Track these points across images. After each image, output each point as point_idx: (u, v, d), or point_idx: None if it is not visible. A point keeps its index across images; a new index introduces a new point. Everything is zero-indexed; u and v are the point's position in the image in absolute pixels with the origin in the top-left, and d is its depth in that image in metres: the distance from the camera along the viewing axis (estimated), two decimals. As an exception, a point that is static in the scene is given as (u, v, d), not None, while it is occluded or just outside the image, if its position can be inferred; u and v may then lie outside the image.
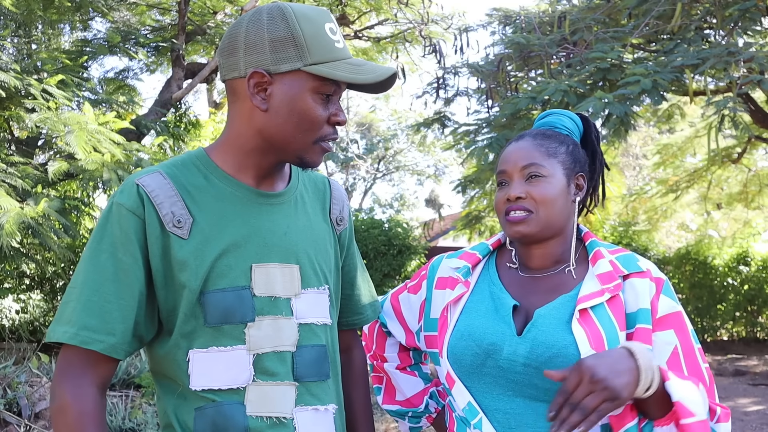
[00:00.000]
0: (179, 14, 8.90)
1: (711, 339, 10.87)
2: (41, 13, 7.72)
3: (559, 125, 1.49)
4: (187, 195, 1.23)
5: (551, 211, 1.38)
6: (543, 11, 7.86)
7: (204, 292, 1.21)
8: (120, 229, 1.20)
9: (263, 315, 1.24)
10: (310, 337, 1.29)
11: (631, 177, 18.80)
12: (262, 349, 1.23)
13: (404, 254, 9.59)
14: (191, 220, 1.22)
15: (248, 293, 1.23)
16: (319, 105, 1.21)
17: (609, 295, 1.32)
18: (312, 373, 1.28)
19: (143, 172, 1.25)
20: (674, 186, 10.56)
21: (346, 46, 1.25)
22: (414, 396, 1.63)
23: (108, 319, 1.17)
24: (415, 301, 1.57)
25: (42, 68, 7.01)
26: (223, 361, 1.22)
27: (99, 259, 1.20)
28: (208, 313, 1.21)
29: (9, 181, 5.45)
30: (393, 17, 10.03)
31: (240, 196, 1.26)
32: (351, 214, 1.49)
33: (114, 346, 1.18)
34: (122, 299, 1.18)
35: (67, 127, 5.64)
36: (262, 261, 1.25)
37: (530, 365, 1.30)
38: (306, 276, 1.30)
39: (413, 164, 23.53)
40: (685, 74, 5.19)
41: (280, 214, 1.30)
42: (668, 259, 10.96)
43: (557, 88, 5.21)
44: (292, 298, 1.27)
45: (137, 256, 1.20)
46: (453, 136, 7.61)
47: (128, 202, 1.20)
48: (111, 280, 1.18)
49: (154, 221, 1.20)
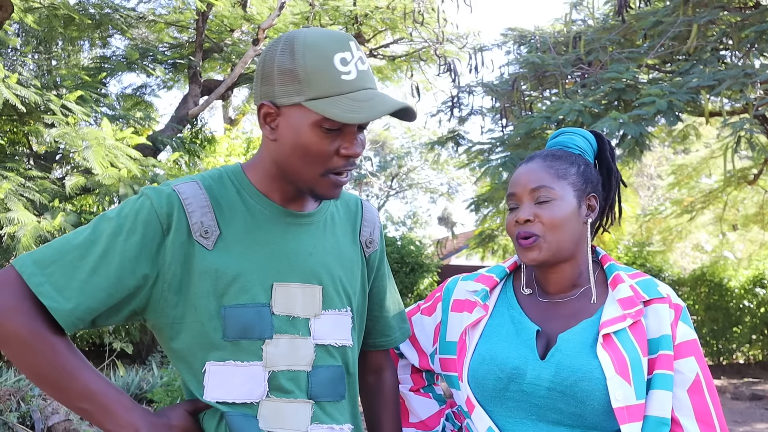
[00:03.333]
0: (197, 32, 9.01)
1: (727, 362, 10.73)
2: (62, 30, 7.85)
3: (570, 145, 1.48)
4: (218, 207, 1.25)
5: (561, 235, 1.37)
6: (558, 31, 7.89)
7: (225, 306, 1.22)
8: (136, 219, 1.20)
9: (281, 333, 1.25)
10: (325, 357, 1.29)
11: (645, 197, 18.70)
12: (278, 366, 1.24)
13: (417, 272, 9.57)
14: (218, 233, 1.23)
15: (267, 311, 1.24)
16: (324, 138, 1.19)
17: (631, 321, 1.32)
18: (327, 393, 1.28)
19: (181, 180, 1.27)
20: (689, 207, 10.49)
21: (361, 75, 1.20)
22: (429, 418, 1.61)
23: (75, 286, 1.16)
24: (429, 323, 1.56)
25: (61, 84, 7.11)
26: (239, 375, 1.22)
27: (102, 232, 1.19)
28: (228, 327, 1.22)
29: (27, 195, 5.51)
30: (408, 36, 10.10)
31: (268, 214, 1.28)
32: (382, 236, 1.49)
33: (62, 312, 1.15)
34: (99, 278, 1.17)
35: (85, 142, 5.71)
36: (283, 280, 1.26)
37: (555, 389, 1.30)
38: (328, 297, 1.30)
39: (426, 182, 23.53)
40: (701, 95, 5.17)
41: (307, 235, 1.30)
42: (683, 281, 10.86)
43: (572, 108, 5.21)
44: (312, 318, 1.28)
45: (139, 252, 1.19)
46: (467, 155, 7.61)
47: (158, 202, 1.21)
48: (100, 255, 1.17)
49: (182, 228, 1.21)
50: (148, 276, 1.20)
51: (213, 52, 9.88)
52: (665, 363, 1.30)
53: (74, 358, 1.17)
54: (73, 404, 1.18)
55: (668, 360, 1.30)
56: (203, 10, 8.54)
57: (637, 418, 1.26)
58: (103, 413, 1.17)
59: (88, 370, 1.18)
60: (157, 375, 6.34)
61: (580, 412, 1.28)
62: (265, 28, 8.43)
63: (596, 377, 1.27)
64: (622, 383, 1.26)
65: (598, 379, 1.27)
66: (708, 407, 1.29)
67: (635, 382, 1.28)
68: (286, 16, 9.20)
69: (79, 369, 1.17)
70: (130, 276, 1.18)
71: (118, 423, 1.17)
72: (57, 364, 1.16)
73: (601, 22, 7.77)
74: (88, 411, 1.17)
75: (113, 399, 1.17)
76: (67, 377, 1.16)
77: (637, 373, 1.28)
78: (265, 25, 8.43)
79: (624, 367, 1.28)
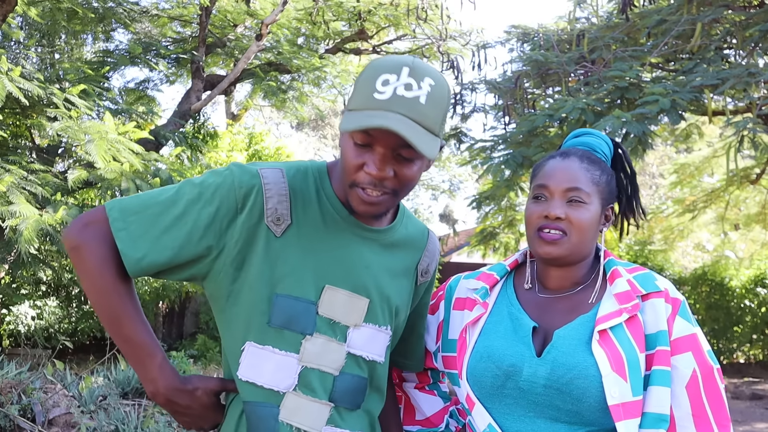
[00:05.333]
0: (200, 27, 9.01)
1: (727, 361, 10.73)
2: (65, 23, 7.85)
3: (598, 150, 1.49)
4: (295, 199, 1.31)
5: (583, 238, 1.38)
6: (561, 29, 7.87)
7: (277, 293, 1.28)
8: (216, 192, 1.27)
9: (320, 333, 1.30)
10: (353, 367, 1.33)
11: (647, 196, 18.69)
12: (310, 363, 1.29)
13: (418, 269, 9.56)
14: (289, 222, 1.29)
15: (314, 309, 1.30)
16: (353, 150, 1.24)
17: (627, 315, 1.31)
18: (346, 400, 1.33)
19: (267, 164, 1.34)
20: (691, 206, 10.48)
21: (395, 100, 1.19)
22: (434, 415, 1.63)
23: (147, 239, 1.25)
24: (432, 321, 1.57)
25: (64, 78, 7.11)
26: (274, 362, 1.28)
27: (184, 195, 1.28)
28: (274, 314, 1.28)
29: (29, 188, 5.51)
30: (411, 33, 10.08)
31: (338, 219, 1.33)
32: (437, 269, 1.55)
33: (131, 258, 1.25)
34: (170, 238, 1.26)
35: (88, 136, 5.70)
36: (335, 284, 1.31)
37: (551, 386, 1.30)
38: (372, 312, 1.35)
39: (428, 179, 23.52)
40: (704, 94, 5.16)
41: (370, 250, 1.35)
42: (684, 280, 10.86)
43: (575, 106, 5.20)
44: (351, 327, 1.33)
45: (209, 223, 1.26)
46: (469, 152, 7.60)
47: (240, 180, 1.28)
48: (177, 217, 1.26)
49: (256, 210, 1.27)
50: (212, 248, 1.27)
51: (216, 47, 9.87)
52: (663, 359, 1.29)
53: (129, 304, 1.28)
54: (117, 342, 1.29)
55: (665, 356, 1.30)
56: (206, 5, 8.53)
57: (633, 415, 1.26)
58: (136, 362, 1.29)
59: (138, 320, 1.28)
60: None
61: (576, 409, 1.28)
62: (268, 23, 8.42)
63: (592, 374, 1.27)
64: (617, 380, 1.26)
65: (594, 377, 1.27)
66: (703, 404, 1.28)
67: (631, 379, 1.27)
68: (289, 11, 9.19)
69: (129, 317, 1.28)
70: (196, 243, 1.26)
71: (145, 375, 1.28)
72: (113, 306, 1.27)
73: (605, 20, 7.76)
74: (127, 353, 1.29)
75: (148, 353, 1.28)
76: (118, 320, 1.27)
77: (634, 370, 1.28)
78: (269, 20, 8.42)
79: (620, 363, 1.28)
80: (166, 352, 7.75)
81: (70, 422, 4.64)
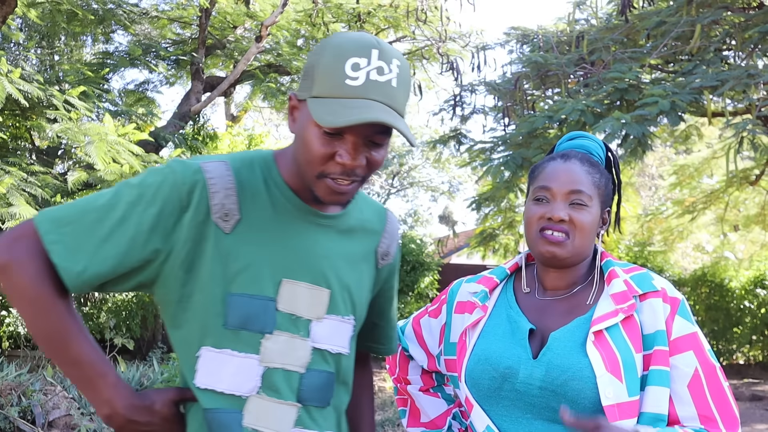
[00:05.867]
0: (200, 28, 9.02)
1: (727, 363, 10.73)
2: (65, 25, 7.85)
3: (595, 153, 1.50)
4: (242, 192, 1.23)
5: (585, 241, 1.39)
6: (561, 30, 7.88)
7: (231, 293, 1.20)
8: (157, 192, 1.18)
9: (281, 330, 1.23)
10: (320, 362, 1.27)
11: (647, 197, 18.69)
12: (273, 363, 1.22)
13: (418, 270, 9.58)
14: (238, 217, 1.21)
15: (273, 305, 1.22)
16: (320, 139, 1.16)
17: (623, 316, 1.31)
18: (315, 398, 1.27)
19: (210, 158, 1.25)
20: (691, 207, 10.48)
21: (369, 85, 1.14)
22: (438, 417, 1.63)
23: (86, 249, 1.15)
24: (435, 325, 1.58)
25: (64, 79, 7.12)
26: (233, 365, 1.20)
27: (122, 199, 1.18)
28: (230, 315, 1.20)
29: (29, 189, 5.52)
30: (411, 34, 10.09)
31: (290, 208, 1.26)
32: (399, 250, 1.48)
33: (70, 273, 1.15)
34: (111, 245, 1.16)
35: (88, 137, 5.71)
36: (293, 277, 1.24)
37: (546, 388, 1.30)
38: (334, 302, 1.28)
39: (428, 180, 23.54)
40: (704, 96, 5.17)
41: (325, 237, 1.28)
42: (684, 281, 10.86)
43: (574, 108, 5.20)
44: (314, 320, 1.26)
45: (154, 225, 1.18)
46: (469, 154, 7.60)
47: (182, 176, 1.20)
48: (117, 223, 1.16)
49: (202, 207, 1.19)
50: (159, 251, 1.18)
51: (216, 49, 9.88)
52: (660, 359, 1.29)
53: (72, 323, 1.17)
54: (63, 367, 1.19)
55: (663, 356, 1.29)
56: (206, 7, 8.54)
57: (629, 416, 1.26)
58: (86, 384, 1.18)
59: (83, 338, 1.18)
60: (158, 371, 6.35)
61: (572, 410, 1.28)
62: (268, 25, 8.42)
63: (586, 376, 1.28)
64: (612, 381, 1.26)
65: (588, 378, 1.27)
66: (708, 402, 1.28)
67: (627, 380, 1.27)
68: (289, 13, 9.20)
69: (73, 336, 1.17)
70: (141, 248, 1.17)
71: (98, 397, 1.17)
72: (54, 325, 1.16)
73: (605, 21, 7.76)
74: (74, 377, 1.18)
75: (99, 373, 1.17)
76: (61, 341, 1.17)
77: (630, 371, 1.28)
78: (268, 22, 8.42)
79: (615, 364, 1.27)
80: (165, 354, 7.71)
81: (70, 424, 4.64)
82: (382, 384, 8.22)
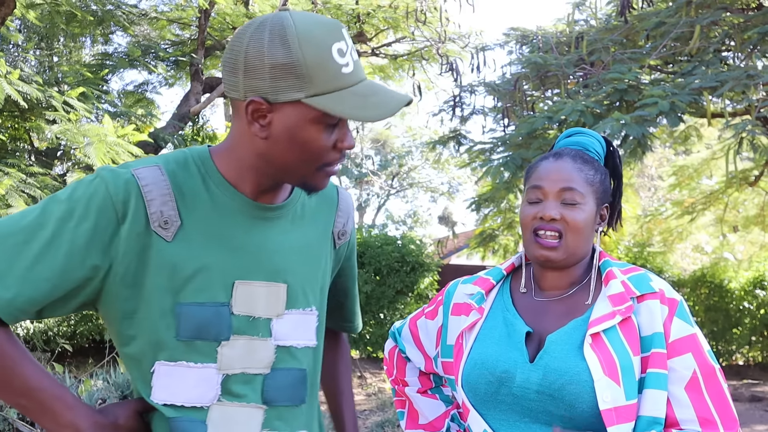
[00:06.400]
0: (199, 29, 9.01)
1: (726, 363, 10.73)
2: (64, 26, 7.85)
3: (591, 149, 1.48)
4: (180, 196, 1.15)
5: (579, 240, 1.37)
6: (560, 31, 7.88)
7: (180, 303, 1.13)
8: (89, 205, 1.10)
9: (239, 335, 1.17)
10: (287, 360, 1.22)
11: (646, 198, 18.70)
12: (232, 369, 1.17)
13: (417, 271, 9.57)
14: (179, 224, 1.14)
15: (227, 310, 1.16)
16: (323, 134, 1.11)
17: (620, 318, 1.30)
18: (284, 397, 1.22)
19: (141, 162, 1.16)
20: (690, 208, 10.48)
21: (357, 66, 1.13)
22: (436, 419, 1.62)
23: (15, 274, 1.06)
24: (432, 327, 1.56)
25: (63, 80, 7.12)
26: (191, 377, 1.15)
27: (51, 215, 1.09)
28: (181, 326, 1.13)
29: (28, 191, 5.51)
30: (410, 35, 10.09)
31: (235, 206, 1.18)
32: (354, 226, 1.44)
33: (1, 301, 1.05)
34: (44, 267, 1.07)
35: (87, 138, 5.71)
36: (246, 278, 1.18)
37: (544, 392, 1.29)
38: (293, 296, 1.23)
39: (427, 181, 23.54)
40: (703, 96, 5.17)
41: (275, 230, 1.22)
42: (683, 282, 10.86)
43: (574, 108, 5.20)
44: (274, 318, 1.21)
45: (90, 241, 1.09)
46: (468, 154, 7.60)
47: (114, 187, 1.10)
48: (47, 242, 1.08)
49: (139, 217, 1.11)
50: (98, 267, 1.10)
51: (215, 50, 9.87)
52: (658, 362, 1.28)
53: (13, 350, 1.08)
54: (12, 400, 1.09)
55: (661, 358, 1.28)
56: (205, 8, 8.53)
57: (626, 419, 1.24)
58: (42, 411, 1.09)
59: (29, 364, 1.09)
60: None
61: (570, 414, 1.27)
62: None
63: (584, 380, 1.26)
64: (610, 384, 1.25)
65: (586, 382, 1.26)
66: (707, 404, 1.26)
67: (625, 383, 1.26)
68: (288, 14, 9.18)
69: (17, 363, 1.08)
70: (79, 267, 1.09)
71: (58, 422, 1.09)
72: None
73: (604, 22, 7.76)
74: (27, 408, 1.10)
75: (54, 396, 1.09)
76: (4, 371, 1.07)
77: (627, 374, 1.26)
78: (268, 23, 8.41)
79: (613, 367, 1.26)
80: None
81: (69, 425, 4.62)
82: (382, 385, 8.21)
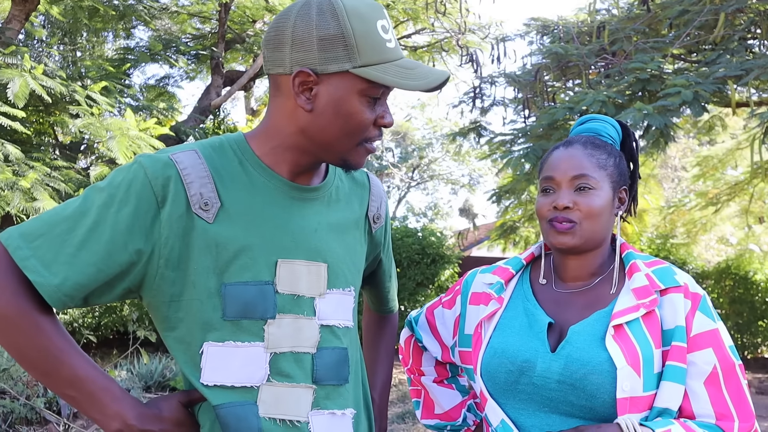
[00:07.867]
0: (219, 23, 9.06)
1: (752, 356, 10.59)
2: (87, 21, 7.92)
3: (604, 133, 1.47)
4: (219, 178, 1.17)
5: (596, 225, 1.36)
6: (582, 21, 7.80)
7: (225, 283, 1.16)
8: (129, 190, 1.13)
9: (284, 313, 1.19)
10: (331, 339, 1.24)
11: (669, 189, 18.49)
12: (280, 348, 1.18)
13: (438, 263, 9.56)
14: (219, 205, 1.16)
15: (271, 289, 1.18)
16: (367, 107, 1.15)
17: (644, 311, 1.29)
18: (331, 377, 1.24)
19: (178, 148, 1.19)
20: (714, 199, 10.34)
21: (397, 45, 1.18)
22: (452, 409, 1.63)
23: (62, 260, 1.09)
24: (449, 316, 1.56)
25: (86, 75, 7.19)
26: (239, 357, 1.16)
27: (93, 203, 1.13)
28: (228, 305, 1.16)
29: (52, 184, 5.58)
30: (430, 26, 10.06)
31: (273, 187, 1.21)
32: (389, 212, 1.46)
33: (49, 287, 1.09)
34: (88, 252, 1.10)
35: (109, 132, 5.77)
36: (288, 257, 1.20)
37: (565, 382, 1.29)
38: (333, 276, 1.25)
39: (448, 173, 23.46)
40: (728, 85, 5.09)
41: (313, 210, 1.25)
42: (707, 273, 10.73)
43: (595, 99, 5.16)
44: (316, 297, 1.23)
45: (131, 225, 1.12)
46: (489, 146, 7.57)
47: (153, 171, 1.13)
48: (90, 228, 1.11)
49: (180, 200, 1.14)
50: (141, 251, 1.13)
51: (235, 43, 9.92)
52: (678, 355, 1.27)
53: (61, 341, 1.11)
54: (59, 390, 1.12)
55: (681, 352, 1.27)
56: (225, 1, 8.57)
57: (638, 410, 1.25)
58: (89, 401, 1.11)
59: (76, 354, 1.12)
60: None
61: (590, 404, 1.27)
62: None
63: (606, 370, 1.26)
64: (631, 374, 1.25)
65: (608, 372, 1.26)
66: (725, 400, 1.26)
67: (645, 375, 1.26)
68: (308, 6, 9.19)
69: (66, 353, 1.11)
70: (122, 251, 1.11)
71: (104, 413, 1.11)
72: (42, 345, 1.10)
73: (626, 11, 7.67)
74: (74, 398, 1.12)
75: (101, 387, 1.11)
76: (53, 361, 1.10)
77: (648, 366, 1.26)
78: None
79: (635, 358, 1.26)
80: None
81: (95, 415, 4.69)
82: (403, 377, 8.23)
